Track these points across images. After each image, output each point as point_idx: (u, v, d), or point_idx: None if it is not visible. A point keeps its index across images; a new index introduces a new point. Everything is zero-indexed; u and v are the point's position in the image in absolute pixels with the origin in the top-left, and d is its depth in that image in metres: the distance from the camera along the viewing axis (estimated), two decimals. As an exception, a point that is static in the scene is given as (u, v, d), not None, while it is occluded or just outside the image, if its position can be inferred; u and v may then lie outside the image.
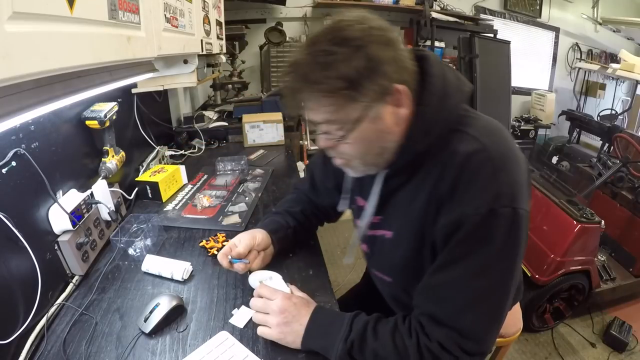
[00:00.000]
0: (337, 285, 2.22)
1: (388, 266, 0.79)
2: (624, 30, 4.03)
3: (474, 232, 0.58)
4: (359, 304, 0.80)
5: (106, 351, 0.70)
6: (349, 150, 0.64)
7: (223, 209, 1.24)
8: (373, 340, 0.66)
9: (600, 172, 2.47)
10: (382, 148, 0.63)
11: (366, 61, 0.54)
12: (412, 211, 0.66)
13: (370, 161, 0.66)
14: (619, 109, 4.05)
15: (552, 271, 1.77)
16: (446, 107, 0.62)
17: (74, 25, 0.46)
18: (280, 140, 1.93)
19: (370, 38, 0.55)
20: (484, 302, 0.61)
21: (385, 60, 0.56)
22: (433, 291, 0.64)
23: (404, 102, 0.60)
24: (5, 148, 0.70)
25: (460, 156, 0.59)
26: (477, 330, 0.61)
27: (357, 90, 0.55)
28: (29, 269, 0.73)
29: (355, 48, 0.54)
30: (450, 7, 3.67)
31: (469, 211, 0.57)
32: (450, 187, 0.59)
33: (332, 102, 0.57)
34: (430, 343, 0.63)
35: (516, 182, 0.59)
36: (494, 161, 0.58)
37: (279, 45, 3.29)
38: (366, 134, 0.60)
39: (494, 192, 0.57)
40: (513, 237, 0.58)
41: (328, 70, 0.54)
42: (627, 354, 1.85)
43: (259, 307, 0.74)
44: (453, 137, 0.61)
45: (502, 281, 0.61)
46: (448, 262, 0.62)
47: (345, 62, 0.53)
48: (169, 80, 1.29)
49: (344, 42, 0.54)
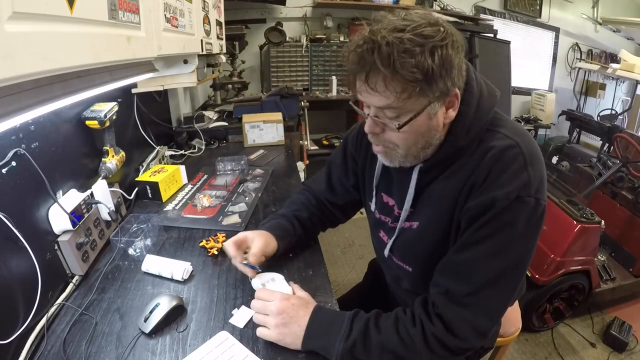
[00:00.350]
0: (337, 285, 2.22)
1: (411, 255, 0.80)
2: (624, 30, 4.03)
3: (500, 215, 0.62)
4: (360, 304, 0.80)
5: (106, 351, 0.70)
6: (396, 139, 0.67)
7: (223, 209, 1.24)
8: (377, 335, 0.67)
9: (600, 172, 2.47)
10: (428, 143, 0.67)
11: (443, 61, 0.57)
12: (443, 201, 0.70)
13: (413, 153, 0.69)
14: (619, 109, 4.05)
15: (552, 271, 1.77)
16: (483, 109, 0.67)
17: (74, 25, 0.46)
18: (280, 140, 1.93)
19: (448, 40, 0.58)
20: (501, 281, 0.65)
21: (455, 64, 0.59)
22: (454, 268, 0.68)
23: (455, 105, 0.65)
24: (5, 148, 0.70)
25: (495, 150, 0.64)
26: (491, 307, 0.66)
27: (430, 85, 0.58)
28: (29, 269, 0.72)
29: (437, 46, 0.56)
30: (450, 7, 3.68)
31: (499, 195, 0.62)
32: (484, 175, 0.64)
33: (405, 90, 0.58)
34: (435, 328, 0.65)
35: (542, 177, 0.64)
36: (525, 156, 0.63)
37: (279, 45, 3.29)
38: (419, 127, 0.64)
39: (523, 182, 0.62)
40: (533, 225, 0.64)
41: (414, 58, 0.55)
42: (627, 354, 1.85)
43: (258, 309, 0.75)
44: (487, 135, 0.67)
45: (519, 265, 0.66)
46: (471, 242, 0.65)
47: (429, 56, 0.56)
48: (169, 80, 1.29)
49: (428, 38, 0.56)
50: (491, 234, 0.63)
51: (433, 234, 0.73)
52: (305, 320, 0.70)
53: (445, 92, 0.61)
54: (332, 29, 3.58)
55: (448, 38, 0.58)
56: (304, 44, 3.45)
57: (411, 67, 0.55)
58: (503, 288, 0.66)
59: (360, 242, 2.69)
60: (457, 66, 0.60)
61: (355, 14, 3.54)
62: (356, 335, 0.67)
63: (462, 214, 0.67)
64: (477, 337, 0.66)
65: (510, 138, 0.65)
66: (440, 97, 0.61)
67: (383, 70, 0.56)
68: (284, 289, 0.81)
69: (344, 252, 2.62)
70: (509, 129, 0.67)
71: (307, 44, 3.45)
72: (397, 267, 0.85)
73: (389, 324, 0.68)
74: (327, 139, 3.61)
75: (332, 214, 1.03)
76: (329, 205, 1.02)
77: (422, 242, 0.75)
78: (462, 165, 0.68)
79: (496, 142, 0.65)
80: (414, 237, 0.77)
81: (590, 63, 4.09)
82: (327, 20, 3.50)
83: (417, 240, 0.77)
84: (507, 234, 0.63)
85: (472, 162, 0.66)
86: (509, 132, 0.66)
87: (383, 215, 0.86)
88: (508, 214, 0.62)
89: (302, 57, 3.51)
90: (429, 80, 0.57)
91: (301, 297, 0.77)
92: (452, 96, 0.63)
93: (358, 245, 2.68)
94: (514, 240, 0.63)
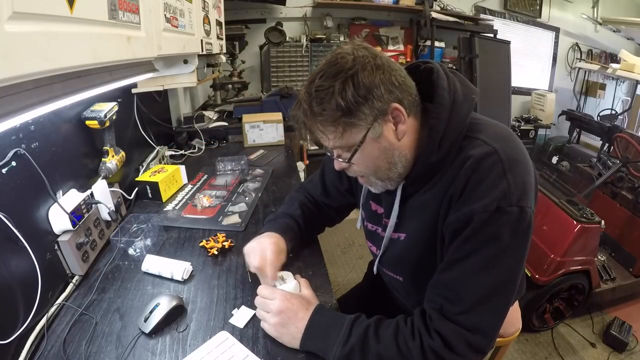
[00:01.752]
0: (337, 285, 2.22)
1: (400, 266, 0.80)
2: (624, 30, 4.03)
3: (481, 229, 0.60)
4: (360, 304, 0.80)
5: (106, 351, 0.70)
6: (362, 169, 0.69)
7: (223, 209, 1.24)
8: (375, 343, 0.66)
9: (600, 172, 2.47)
10: (390, 163, 0.67)
11: (357, 89, 0.59)
12: (426, 213, 0.69)
13: (382, 176, 0.70)
14: (619, 109, 4.05)
15: (552, 271, 1.77)
16: (456, 119, 0.64)
17: (74, 25, 0.46)
18: (280, 140, 1.93)
19: (357, 67, 0.60)
20: (492, 298, 0.63)
21: (375, 84, 0.60)
22: (443, 287, 0.66)
23: (402, 118, 0.64)
24: (5, 148, 0.70)
25: (473, 159, 0.62)
26: (484, 325, 0.64)
27: (354, 115, 0.61)
28: (29, 269, 0.72)
29: (347, 78, 0.59)
30: (450, 7, 3.68)
31: (477, 208, 0.60)
32: (461, 187, 0.62)
33: (335, 130, 0.63)
34: (433, 343, 0.63)
35: (524, 182, 0.61)
36: (504, 163, 0.61)
37: (279, 45, 3.29)
38: (371, 152, 0.65)
39: (502, 191, 0.59)
40: (520, 235, 0.61)
41: (325, 103, 0.60)
42: (627, 354, 1.85)
43: (259, 306, 0.75)
44: (465, 143, 0.65)
45: (509, 277, 0.64)
46: (457, 259, 0.64)
47: (339, 94, 0.59)
48: (169, 80, 1.29)
49: (337, 75, 0.60)
50: (476, 249, 0.61)
51: (419, 246, 0.72)
52: (304, 323, 0.70)
53: (378, 113, 0.61)
54: (332, 29, 3.58)
55: (357, 65, 0.59)
56: (304, 44, 3.45)
57: (329, 110, 0.60)
58: (495, 303, 0.64)
59: (360, 242, 2.69)
60: (378, 85, 0.60)
61: (355, 14, 3.54)
62: (354, 342, 0.66)
63: (445, 228, 0.65)
64: (474, 353, 0.64)
65: (488, 144, 0.62)
66: (375, 119, 0.62)
67: (309, 121, 0.63)
68: (289, 285, 0.79)
69: (344, 252, 2.62)
70: (489, 133, 0.65)
71: (307, 44, 3.45)
72: (389, 277, 0.86)
73: (389, 334, 0.67)
74: (327, 139, 3.61)
75: (327, 214, 1.03)
76: (324, 206, 1.02)
77: (410, 253, 0.75)
78: (441, 176, 0.66)
79: (474, 150, 0.63)
80: (402, 249, 0.76)
81: (590, 63, 4.09)
82: (327, 20, 3.50)
83: (404, 252, 0.76)
84: (492, 248, 0.60)
85: (450, 172, 0.64)
86: (488, 138, 0.64)
87: (371, 223, 0.86)
88: (490, 227, 0.60)
89: (302, 57, 3.51)
90: (351, 112, 0.60)
91: (304, 296, 0.76)
92: (390, 113, 0.62)
93: (358, 245, 2.68)
94: (500, 254, 0.61)
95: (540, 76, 4.63)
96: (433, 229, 0.68)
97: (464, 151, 0.64)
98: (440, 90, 0.65)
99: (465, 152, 0.63)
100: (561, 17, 4.35)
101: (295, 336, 0.69)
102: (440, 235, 0.68)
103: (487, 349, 0.66)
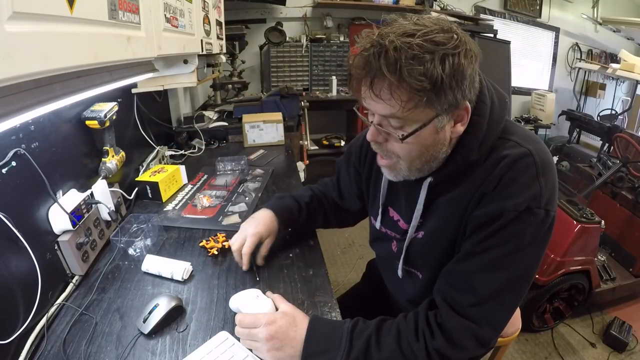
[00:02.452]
0: (337, 285, 2.22)
1: (421, 261, 0.78)
2: (624, 30, 4.03)
3: (508, 226, 0.60)
4: (359, 304, 0.80)
5: (106, 351, 0.70)
6: (399, 150, 0.64)
7: (223, 209, 1.24)
8: (378, 353, 0.64)
9: (600, 172, 2.47)
10: (433, 157, 0.64)
11: (454, 70, 0.54)
12: (452, 209, 0.68)
13: (416, 166, 0.66)
14: (619, 109, 4.05)
15: (552, 271, 1.77)
16: (496, 119, 0.64)
17: (74, 25, 0.46)
18: (280, 140, 1.93)
19: (461, 48, 0.54)
20: (505, 293, 0.64)
21: (467, 75, 0.56)
22: (458, 278, 0.66)
23: (465, 120, 0.62)
24: (5, 148, 0.70)
25: (508, 158, 0.62)
26: (495, 318, 0.65)
27: (438, 96, 0.55)
28: (29, 269, 0.72)
29: (448, 54, 0.53)
30: (450, 7, 3.68)
31: (508, 206, 0.60)
32: (494, 184, 0.62)
33: (411, 99, 0.55)
34: (437, 343, 0.63)
35: (553, 187, 0.63)
36: (537, 166, 0.61)
37: (279, 45, 3.29)
38: (425, 139, 0.61)
39: (534, 193, 0.60)
40: (541, 236, 0.62)
41: (422, 65, 0.52)
42: (627, 354, 1.85)
43: (246, 336, 0.70)
44: (499, 143, 0.64)
45: (524, 276, 0.64)
46: (477, 252, 0.64)
47: (439, 64, 0.52)
48: (169, 80, 1.29)
49: (440, 45, 0.53)
50: (497, 244, 0.62)
51: (440, 242, 0.71)
52: (298, 340, 0.67)
53: (454, 105, 0.57)
54: (332, 29, 3.58)
55: (461, 46, 0.54)
56: (304, 44, 3.45)
57: (419, 75, 0.52)
58: (508, 299, 0.64)
59: (360, 242, 2.69)
60: (469, 77, 0.56)
61: (355, 14, 3.54)
62: (357, 354, 0.64)
63: (469, 221, 0.65)
64: (480, 347, 0.64)
65: (523, 146, 0.62)
66: (449, 109, 0.58)
67: (389, 76, 0.53)
68: (265, 305, 0.75)
69: (344, 252, 2.62)
70: (521, 135, 0.65)
71: (307, 44, 3.45)
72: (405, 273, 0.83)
73: (391, 340, 0.65)
74: (327, 139, 3.61)
75: (341, 215, 1.03)
76: (338, 206, 1.03)
77: (432, 249, 0.74)
78: (472, 176, 0.65)
79: (509, 150, 0.62)
80: (423, 245, 0.75)
81: (590, 63, 4.09)
82: (327, 20, 3.50)
83: (426, 248, 0.75)
84: (514, 246, 0.61)
85: (483, 170, 0.64)
86: (522, 140, 0.64)
87: (388, 229, 0.85)
88: (516, 225, 0.60)
89: (302, 57, 3.51)
90: (438, 90, 0.54)
91: (286, 313, 0.72)
92: (461, 109, 0.60)
93: (358, 245, 2.68)
94: (520, 252, 0.62)
95: (540, 76, 4.64)
96: (457, 224, 0.67)
97: (498, 150, 0.64)
98: (484, 89, 0.64)
99: (499, 151, 0.63)
100: (561, 17, 4.35)
101: (294, 355, 0.67)
102: (463, 229, 0.67)
103: (493, 342, 0.67)
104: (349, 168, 0.95)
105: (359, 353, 0.64)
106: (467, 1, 3.91)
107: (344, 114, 3.91)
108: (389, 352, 0.65)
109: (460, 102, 0.58)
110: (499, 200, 0.61)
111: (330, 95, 3.45)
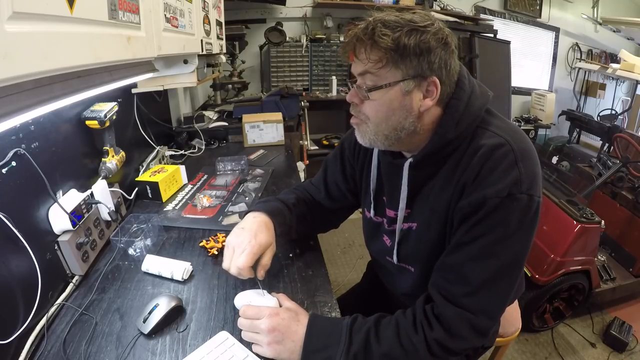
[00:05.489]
0: (337, 285, 2.23)
1: (413, 256, 0.80)
2: (624, 30, 4.03)
3: (492, 213, 0.62)
4: (359, 304, 0.80)
5: (106, 351, 0.70)
6: (369, 111, 0.69)
7: (223, 209, 1.24)
8: (378, 347, 0.65)
9: (600, 172, 2.47)
10: (399, 124, 0.68)
11: (420, 42, 0.62)
12: (437, 201, 0.71)
13: (383, 131, 0.70)
14: (619, 109, 4.05)
15: (552, 271, 1.77)
16: (474, 105, 0.68)
17: (74, 25, 0.46)
18: (280, 140, 1.93)
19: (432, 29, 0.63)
20: (497, 281, 0.65)
21: (435, 52, 0.63)
22: (450, 270, 0.68)
23: (433, 95, 0.66)
24: (5, 148, 0.70)
25: (485, 147, 0.65)
26: (490, 307, 0.66)
27: (403, 58, 0.63)
28: (29, 269, 0.72)
29: (417, 29, 0.62)
30: (450, 7, 3.68)
31: (490, 193, 0.62)
32: (474, 174, 0.64)
33: (381, 59, 0.63)
34: (436, 333, 0.64)
35: (534, 172, 0.64)
36: (515, 153, 0.64)
37: (279, 45, 3.29)
38: (391, 101, 0.66)
39: (514, 178, 0.62)
40: (527, 221, 0.64)
41: (391, 30, 0.62)
42: (627, 354, 1.85)
43: (247, 328, 0.72)
44: (478, 132, 0.68)
45: (515, 262, 0.66)
46: (465, 242, 0.66)
47: (405, 35, 0.62)
48: (169, 80, 1.29)
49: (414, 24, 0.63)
50: (485, 233, 0.64)
51: (432, 234, 0.73)
52: (299, 335, 0.68)
53: (420, 75, 0.64)
54: (332, 29, 3.58)
55: (432, 29, 0.62)
56: (304, 44, 3.45)
57: (387, 38, 0.61)
58: (501, 286, 0.66)
59: (360, 242, 2.68)
60: (437, 55, 0.63)
61: (355, 14, 3.54)
62: (357, 349, 0.65)
63: (455, 213, 0.67)
64: (478, 336, 0.66)
65: (500, 136, 0.66)
66: (415, 77, 0.64)
67: (365, 40, 0.63)
68: (269, 302, 0.76)
69: (344, 252, 2.63)
70: (500, 127, 0.68)
71: (307, 44, 3.45)
72: (397, 269, 0.85)
73: (390, 333, 0.67)
74: (327, 139, 3.61)
75: (324, 216, 1.01)
76: (322, 208, 1.01)
77: (422, 243, 0.76)
78: (453, 164, 0.68)
79: (486, 140, 0.66)
80: (415, 238, 0.77)
81: (590, 63, 4.09)
82: (327, 20, 3.50)
83: (417, 240, 0.77)
84: (501, 232, 0.63)
85: (463, 161, 0.67)
86: (499, 130, 0.67)
87: (380, 216, 0.87)
88: (500, 211, 0.62)
89: (302, 57, 3.51)
90: (402, 54, 0.62)
91: (289, 308, 0.74)
92: (429, 83, 0.65)
93: (358, 245, 2.68)
94: (508, 238, 0.64)
95: (540, 76, 4.64)
96: (444, 217, 0.70)
97: (475, 140, 0.67)
98: (462, 78, 0.69)
99: (477, 141, 0.66)
100: (561, 17, 4.35)
101: (294, 350, 0.68)
102: (450, 222, 0.69)
103: (490, 331, 0.68)
104: (343, 163, 0.96)
105: (359, 347, 0.66)
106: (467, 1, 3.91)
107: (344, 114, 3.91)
108: (388, 346, 0.66)
109: (426, 72, 0.64)
110: (480, 189, 0.63)
111: (330, 95, 3.45)
